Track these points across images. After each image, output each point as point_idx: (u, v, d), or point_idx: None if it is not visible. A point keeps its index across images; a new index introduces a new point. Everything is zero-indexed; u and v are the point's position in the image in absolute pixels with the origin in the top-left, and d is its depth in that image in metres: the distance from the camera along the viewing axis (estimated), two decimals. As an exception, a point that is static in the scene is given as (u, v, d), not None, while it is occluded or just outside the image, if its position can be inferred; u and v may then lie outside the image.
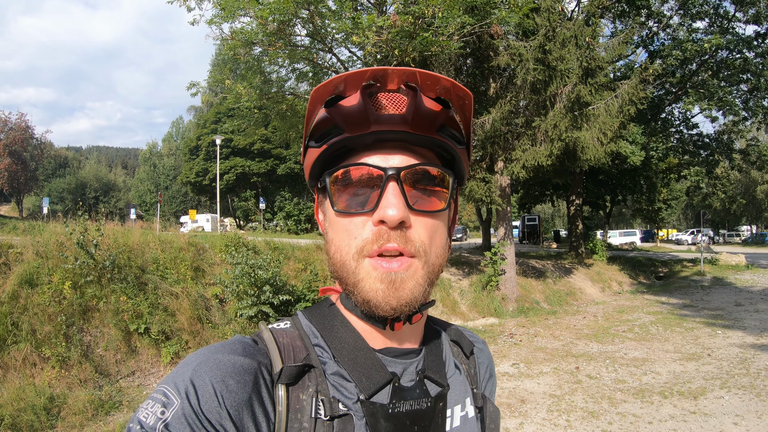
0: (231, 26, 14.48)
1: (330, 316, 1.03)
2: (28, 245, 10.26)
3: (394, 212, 0.87)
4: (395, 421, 0.91)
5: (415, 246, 0.90)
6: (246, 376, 0.85)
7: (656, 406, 8.05)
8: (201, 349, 0.90)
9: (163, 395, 0.81)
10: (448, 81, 0.93)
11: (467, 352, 1.18)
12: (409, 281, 0.90)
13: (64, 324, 8.99)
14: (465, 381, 1.13)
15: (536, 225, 46.84)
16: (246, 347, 0.91)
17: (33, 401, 7.34)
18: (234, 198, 62.39)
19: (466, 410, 1.09)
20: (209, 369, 0.83)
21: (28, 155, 56.92)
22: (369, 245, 0.90)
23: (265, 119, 20.02)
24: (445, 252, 1.00)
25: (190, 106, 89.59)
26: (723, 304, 18.36)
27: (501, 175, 17.77)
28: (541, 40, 14.87)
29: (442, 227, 0.98)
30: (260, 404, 0.85)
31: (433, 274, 0.95)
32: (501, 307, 17.34)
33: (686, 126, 33.65)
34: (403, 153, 0.93)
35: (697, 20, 29.15)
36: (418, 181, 0.93)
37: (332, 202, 0.95)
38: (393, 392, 0.94)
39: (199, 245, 13.08)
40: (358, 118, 0.90)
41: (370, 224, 0.90)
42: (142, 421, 0.78)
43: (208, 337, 10.36)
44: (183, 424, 0.78)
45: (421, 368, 1.02)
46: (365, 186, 0.92)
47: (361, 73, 0.91)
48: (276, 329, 1.01)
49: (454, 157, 0.99)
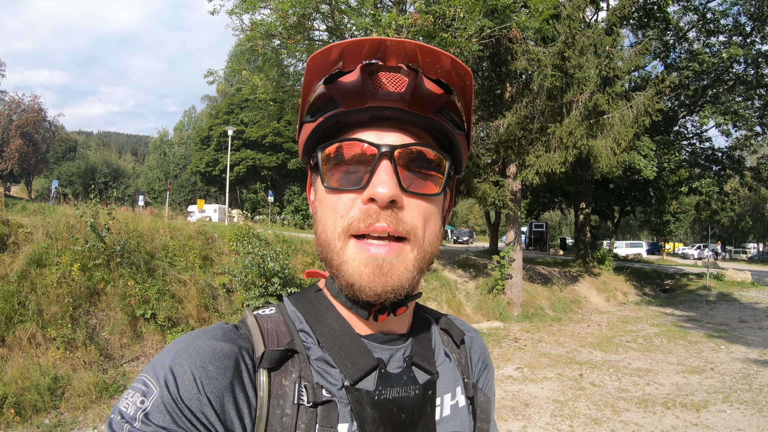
0: (251, 17, 14.50)
1: (316, 302, 1.01)
2: (38, 226, 10.25)
3: (385, 189, 0.84)
4: (381, 408, 0.90)
5: (406, 227, 0.87)
6: (226, 361, 0.84)
7: (659, 416, 8.04)
8: (181, 336, 0.88)
9: (143, 384, 0.80)
10: (448, 57, 0.90)
11: (457, 341, 1.16)
12: (398, 267, 0.87)
13: (71, 306, 8.99)
14: (455, 370, 1.11)
15: (543, 232, 46.77)
16: (226, 332, 0.89)
17: (37, 381, 7.36)
18: (243, 190, 62.44)
19: (456, 399, 1.07)
20: (188, 355, 0.82)
21: (39, 137, 57.05)
22: (356, 223, 0.87)
23: (279, 112, 20.01)
24: (438, 240, 0.97)
25: (203, 95, 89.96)
26: (727, 320, 18.33)
27: (513, 180, 17.74)
28: (561, 46, 14.83)
29: (436, 213, 0.95)
30: (242, 390, 0.84)
31: (424, 262, 0.92)
32: (506, 311, 17.31)
33: (699, 139, 33.55)
34: (398, 132, 0.91)
35: (714, 36, 29.11)
36: (413, 161, 0.90)
37: (323, 178, 0.93)
38: (379, 379, 0.93)
39: (209, 234, 13.07)
40: (354, 93, 0.88)
41: (359, 202, 0.88)
42: (122, 411, 0.78)
43: (214, 326, 10.36)
44: (163, 412, 0.77)
45: (408, 355, 1.00)
46: (357, 163, 0.89)
47: (360, 43, 0.88)
48: (261, 315, 0.99)
49: (452, 141, 0.96)
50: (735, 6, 28.18)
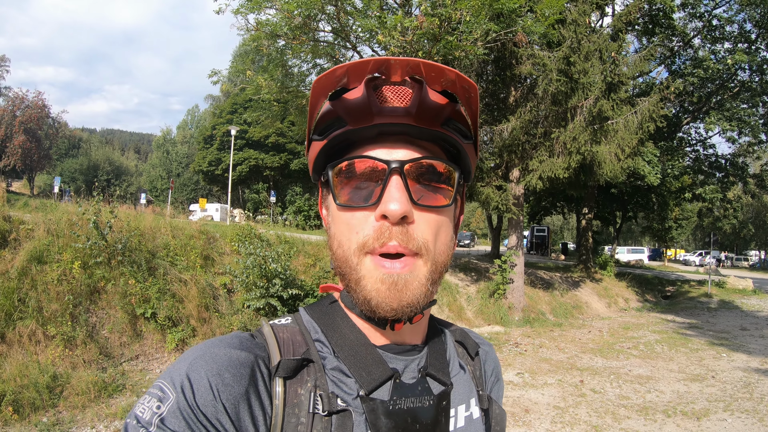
0: (256, 17, 14.50)
1: (331, 313, 1.02)
2: (39, 222, 10.26)
3: (396, 207, 0.85)
4: (396, 418, 0.90)
5: (417, 243, 0.88)
6: (242, 369, 0.85)
7: (659, 424, 8.01)
8: (198, 344, 0.89)
9: (160, 390, 0.81)
10: (452, 72, 0.91)
11: (472, 353, 1.16)
12: (412, 283, 0.88)
13: (71, 303, 8.99)
14: (470, 382, 1.11)
15: (545, 236, 46.79)
16: (243, 341, 0.91)
17: (36, 379, 7.35)
18: (245, 190, 62.49)
19: (471, 411, 1.07)
20: (205, 363, 0.83)
21: (42, 134, 57.16)
22: (371, 242, 0.88)
23: (283, 113, 20.02)
24: (450, 250, 0.98)
25: (207, 94, 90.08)
26: (729, 328, 18.28)
27: (516, 184, 17.72)
28: (566, 51, 14.83)
29: (447, 224, 0.96)
30: (257, 398, 0.85)
31: (436, 273, 0.93)
32: (507, 315, 17.29)
33: (703, 146, 33.55)
34: (407, 147, 0.91)
35: (719, 42, 29.13)
36: (423, 175, 0.91)
37: (334, 195, 0.94)
38: (394, 389, 0.93)
39: (210, 234, 13.08)
40: (361, 110, 0.89)
41: (372, 219, 0.88)
42: (138, 416, 0.79)
43: (215, 326, 10.35)
44: (178, 418, 0.78)
45: (423, 366, 1.00)
46: (368, 179, 0.90)
47: (364, 63, 0.89)
48: (277, 324, 1.00)
49: (460, 152, 0.97)
50: (740, 13, 28.21)
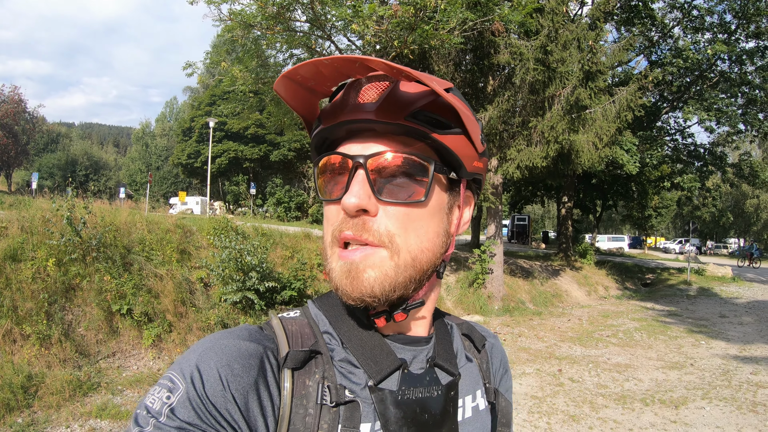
0: (230, 7, 14.28)
1: (338, 304, 1.01)
2: (13, 220, 10.11)
3: (352, 200, 0.86)
4: (404, 408, 0.91)
5: (373, 234, 0.88)
6: (251, 360, 0.85)
7: (637, 413, 8.05)
8: (207, 336, 0.90)
9: (170, 381, 0.82)
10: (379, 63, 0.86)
11: (479, 346, 1.18)
12: (366, 271, 0.88)
13: (46, 301, 8.84)
14: (477, 373, 1.12)
15: (526, 225, 46.93)
16: (252, 333, 0.91)
17: (10, 379, 7.21)
18: (225, 182, 62.14)
19: (477, 402, 1.08)
20: (215, 354, 0.84)
21: (19, 129, 56.53)
22: (336, 233, 0.91)
23: (260, 104, 19.92)
24: (437, 247, 0.96)
25: (185, 86, 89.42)
26: (708, 315, 18.46)
27: (494, 173, 17.73)
28: (543, 40, 14.78)
29: (426, 218, 0.93)
30: (266, 388, 0.85)
31: (414, 270, 0.91)
32: (486, 305, 17.34)
33: (682, 135, 33.78)
34: (377, 142, 0.91)
35: (699, 33, 29.27)
36: (386, 169, 0.89)
37: (316, 189, 0.98)
38: (402, 379, 0.94)
39: (187, 228, 12.97)
40: (329, 109, 0.93)
41: (341, 212, 0.90)
42: (148, 406, 0.79)
43: (191, 321, 10.26)
44: (188, 408, 0.78)
45: (431, 356, 1.01)
46: (339, 174, 0.92)
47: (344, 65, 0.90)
48: (285, 317, 1.01)
49: (435, 143, 0.92)
50: (720, 4, 28.34)
